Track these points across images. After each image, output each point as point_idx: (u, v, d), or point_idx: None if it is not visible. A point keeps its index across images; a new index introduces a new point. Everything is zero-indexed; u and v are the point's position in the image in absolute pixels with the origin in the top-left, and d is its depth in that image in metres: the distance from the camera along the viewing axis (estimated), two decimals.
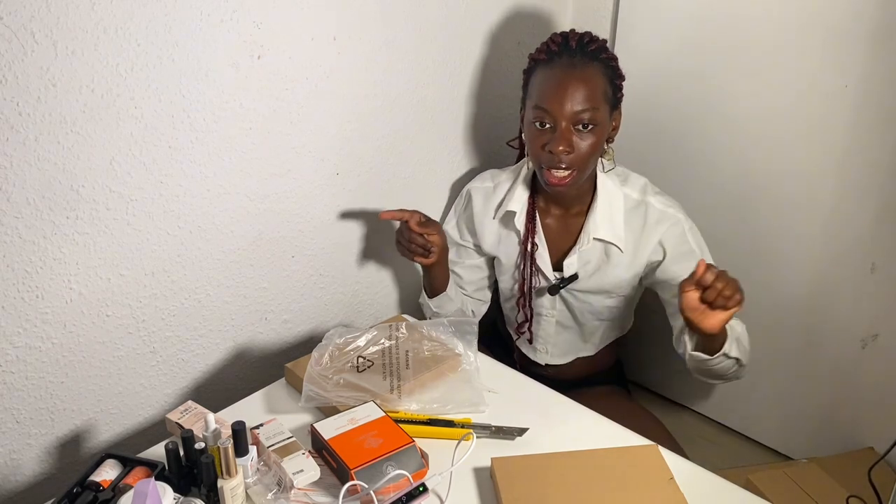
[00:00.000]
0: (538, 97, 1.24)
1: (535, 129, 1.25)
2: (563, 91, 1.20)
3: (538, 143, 1.24)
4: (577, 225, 1.37)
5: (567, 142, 1.21)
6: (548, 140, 1.23)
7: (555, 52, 1.24)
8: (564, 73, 1.22)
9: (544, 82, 1.24)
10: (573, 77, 1.21)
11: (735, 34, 1.51)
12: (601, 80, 1.23)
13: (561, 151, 1.21)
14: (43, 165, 1.01)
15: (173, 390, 1.30)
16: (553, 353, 1.51)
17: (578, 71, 1.22)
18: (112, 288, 1.15)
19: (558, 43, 1.25)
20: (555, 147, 1.21)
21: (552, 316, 1.45)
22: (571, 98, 1.20)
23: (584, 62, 1.22)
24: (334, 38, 1.28)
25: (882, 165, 1.41)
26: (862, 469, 1.26)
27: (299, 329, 1.47)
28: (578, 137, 1.22)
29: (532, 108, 1.25)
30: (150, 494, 0.82)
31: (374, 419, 1.06)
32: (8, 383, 1.08)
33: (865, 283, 1.49)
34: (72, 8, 0.96)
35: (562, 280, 1.37)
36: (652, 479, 0.99)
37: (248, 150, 1.23)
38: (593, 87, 1.22)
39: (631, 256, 1.35)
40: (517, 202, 1.38)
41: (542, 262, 1.38)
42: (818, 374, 1.63)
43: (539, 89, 1.24)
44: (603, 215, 1.33)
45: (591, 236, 1.33)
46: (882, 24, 1.33)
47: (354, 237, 1.48)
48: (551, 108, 1.21)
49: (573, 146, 1.22)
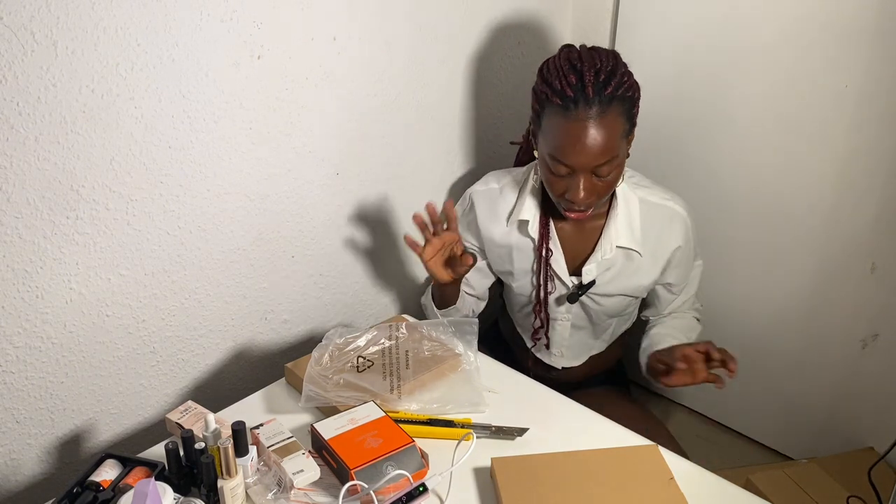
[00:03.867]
0: (554, 148, 1.16)
1: (553, 175, 1.19)
2: (581, 146, 1.13)
3: (558, 188, 1.20)
4: (593, 229, 1.33)
5: (587, 191, 1.17)
6: (566, 187, 1.19)
7: (570, 97, 1.13)
8: (582, 127, 1.12)
9: (560, 133, 1.15)
10: (590, 129, 1.12)
11: (735, 34, 1.51)
12: (620, 122, 1.15)
13: (581, 200, 1.18)
14: (43, 165, 1.01)
15: (173, 390, 1.30)
16: (568, 356, 1.49)
17: (595, 122, 1.12)
18: (112, 288, 1.15)
19: (573, 86, 1.13)
20: (574, 196, 1.18)
21: (567, 320, 1.43)
22: (590, 152, 1.13)
23: (603, 111, 1.12)
24: (334, 38, 1.28)
25: (882, 165, 1.41)
26: (862, 469, 1.27)
27: (299, 329, 1.47)
28: (598, 180, 1.18)
29: (548, 155, 1.18)
30: (150, 494, 0.82)
31: (374, 419, 1.06)
32: (8, 383, 1.08)
33: (865, 283, 1.50)
34: (72, 8, 0.96)
35: (580, 286, 1.35)
36: (652, 479, 0.99)
37: (248, 150, 1.23)
38: (612, 134, 1.14)
39: (651, 259, 1.33)
40: (528, 211, 1.33)
41: (559, 267, 1.35)
42: (818, 374, 1.63)
43: (555, 139, 1.16)
44: (623, 222, 1.30)
45: (613, 244, 1.30)
46: (882, 24, 1.33)
47: (354, 237, 1.48)
48: (570, 162, 1.15)
49: (593, 191, 1.18)
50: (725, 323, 1.73)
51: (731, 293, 1.70)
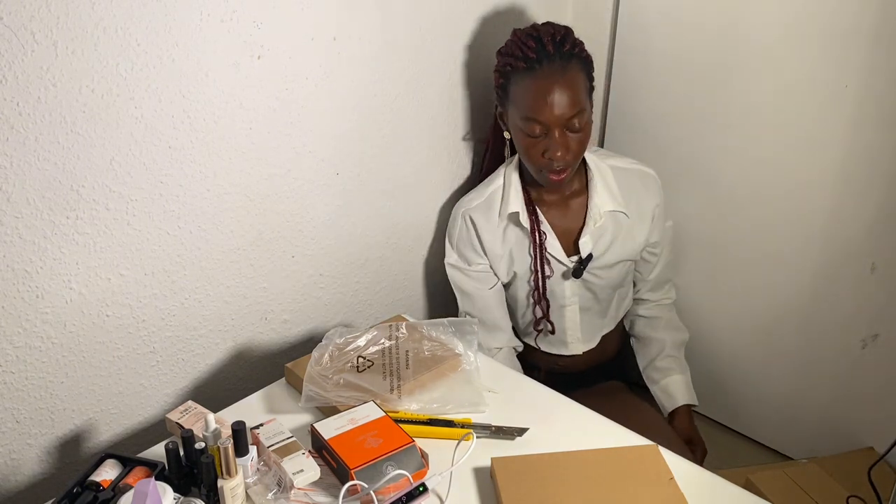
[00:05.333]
0: (527, 108, 1.27)
1: (529, 138, 1.29)
2: (551, 100, 1.24)
3: (536, 151, 1.29)
4: (577, 205, 1.41)
5: (564, 146, 1.27)
6: (544, 147, 1.28)
7: (532, 59, 1.26)
8: (548, 82, 1.24)
9: (529, 93, 1.26)
10: (557, 83, 1.24)
11: (735, 34, 1.51)
12: (581, 78, 1.28)
13: (559, 157, 1.26)
14: (43, 165, 1.01)
15: (173, 390, 1.30)
16: (584, 340, 1.53)
17: (560, 76, 1.24)
18: (112, 288, 1.15)
19: (533, 48, 1.26)
20: (553, 154, 1.27)
21: (574, 303, 1.47)
22: (560, 105, 1.24)
23: (564, 65, 1.25)
24: (334, 38, 1.28)
25: (882, 165, 1.41)
26: (862, 469, 1.26)
27: (299, 329, 1.47)
28: (571, 138, 1.27)
29: (522, 119, 1.28)
30: (150, 494, 0.82)
31: (374, 419, 1.06)
32: (8, 383, 1.08)
33: (865, 283, 1.49)
34: (72, 8, 0.96)
35: (580, 261, 1.40)
36: (652, 479, 0.99)
37: (248, 150, 1.23)
38: (577, 88, 1.26)
39: (637, 219, 1.42)
40: (516, 202, 1.39)
41: (554, 249, 1.40)
42: (818, 374, 1.63)
43: (525, 100, 1.27)
44: (603, 189, 1.39)
45: (600, 210, 1.38)
46: (882, 24, 1.33)
47: (354, 237, 1.48)
48: (543, 119, 1.25)
49: (568, 148, 1.27)
50: (725, 323, 1.73)
51: (731, 293, 1.70)
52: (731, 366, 1.74)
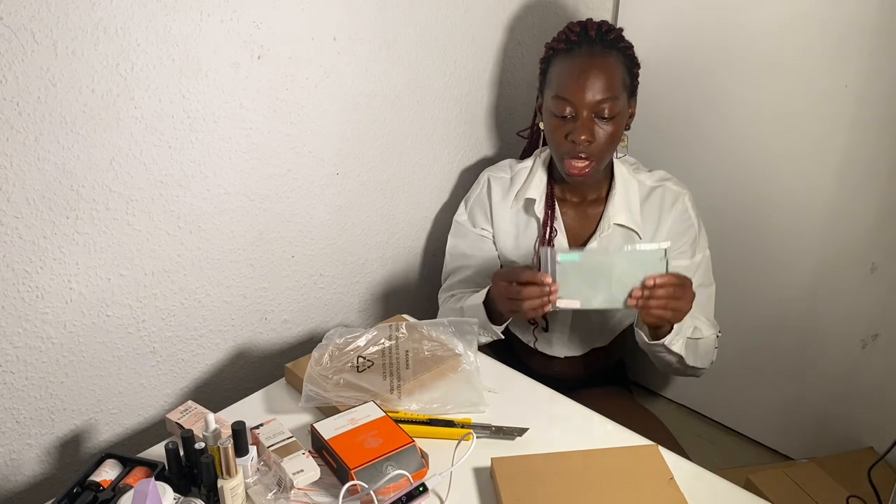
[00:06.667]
0: (558, 87, 1.25)
1: (556, 120, 1.26)
2: (583, 81, 1.22)
3: (560, 133, 1.26)
4: (595, 213, 1.38)
5: (589, 131, 1.23)
6: (570, 130, 1.24)
7: (574, 41, 1.25)
8: (585, 63, 1.23)
9: (564, 72, 1.25)
10: (593, 66, 1.22)
11: (735, 34, 1.51)
12: (620, 69, 1.25)
13: (583, 141, 1.23)
14: (43, 165, 1.01)
15: (173, 390, 1.30)
16: (571, 344, 1.49)
17: (598, 60, 1.23)
18: (112, 288, 1.15)
19: (577, 32, 1.26)
20: (577, 136, 1.23)
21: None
22: (592, 88, 1.22)
23: (604, 51, 1.24)
24: (334, 38, 1.28)
25: (882, 165, 1.41)
26: (862, 469, 1.26)
27: (299, 329, 1.47)
28: (599, 127, 1.24)
29: (552, 98, 1.26)
30: (150, 494, 0.82)
31: (374, 419, 1.06)
32: (8, 383, 1.08)
33: (865, 283, 1.50)
34: (72, 8, 0.96)
35: None
36: (652, 479, 0.99)
37: (248, 150, 1.23)
38: (613, 76, 1.23)
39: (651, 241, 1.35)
40: (536, 189, 1.37)
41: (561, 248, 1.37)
42: (818, 374, 1.63)
43: (559, 79, 1.26)
44: (621, 201, 1.35)
45: (611, 221, 1.34)
46: (882, 24, 1.33)
47: (354, 237, 1.48)
48: (573, 98, 1.23)
49: (594, 135, 1.24)
50: (725, 323, 1.72)
51: (731, 293, 1.70)
52: (732, 366, 1.74)
